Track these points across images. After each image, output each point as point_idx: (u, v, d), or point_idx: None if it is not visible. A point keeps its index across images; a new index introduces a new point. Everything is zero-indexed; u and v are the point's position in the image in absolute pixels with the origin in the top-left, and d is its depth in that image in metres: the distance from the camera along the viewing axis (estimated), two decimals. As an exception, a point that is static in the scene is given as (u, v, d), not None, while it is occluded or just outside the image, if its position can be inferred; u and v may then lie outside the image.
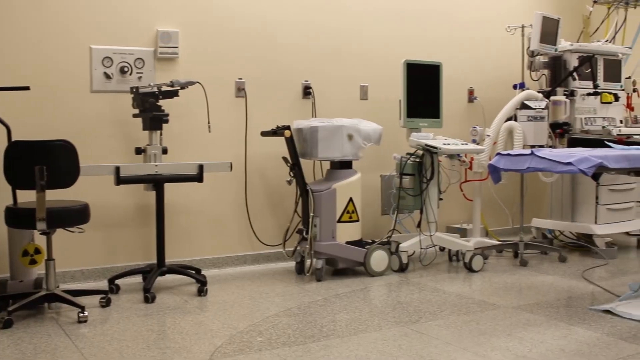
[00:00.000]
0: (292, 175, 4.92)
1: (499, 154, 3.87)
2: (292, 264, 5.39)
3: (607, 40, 6.40)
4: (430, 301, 4.28)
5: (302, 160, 4.97)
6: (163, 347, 3.39)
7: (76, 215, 3.90)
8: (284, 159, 4.95)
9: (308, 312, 4.03)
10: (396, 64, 5.58)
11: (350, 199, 4.94)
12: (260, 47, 5.38)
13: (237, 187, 5.32)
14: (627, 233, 6.37)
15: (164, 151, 4.57)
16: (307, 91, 5.56)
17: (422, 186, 5.21)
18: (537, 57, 6.00)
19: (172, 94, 4.62)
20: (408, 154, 5.26)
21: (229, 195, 5.29)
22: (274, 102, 5.45)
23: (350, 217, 4.95)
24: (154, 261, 4.67)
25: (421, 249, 5.21)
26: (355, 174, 5.02)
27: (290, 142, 4.84)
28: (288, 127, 4.83)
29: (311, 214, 4.85)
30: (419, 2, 6.16)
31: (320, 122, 4.92)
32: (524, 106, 5.57)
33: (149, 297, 4.26)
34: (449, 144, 5.14)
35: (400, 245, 5.16)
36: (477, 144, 5.68)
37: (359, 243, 5.00)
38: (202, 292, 4.44)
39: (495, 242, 5.80)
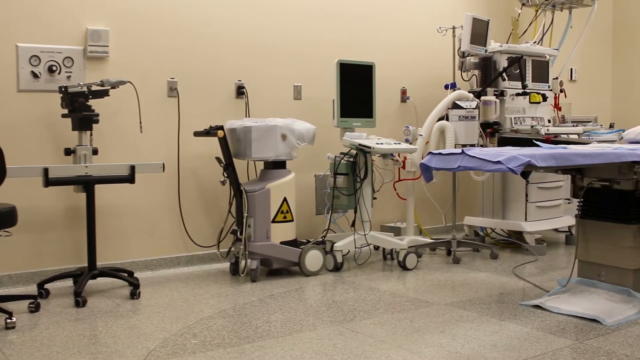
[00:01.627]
0: (226, 175, 4.90)
1: (430, 153, 3.92)
2: (226, 265, 5.36)
3: (535, 42, 6.56)
4: (364, 300, 4.32)
5: (235, 160, 4.95)
6: (95, 352, 3.33)
7: (3, 218, 3.80)
8: (218, 159, 4.92)
9: (243, 313, 4.01)
10: (330, 64, 5.61)
11: (285, 199, 4.94)
12: (193, 46, 5.34)
13: (170, 188, 5.26)
14: (556, 229, 6.55)
15: (95, 152, 4.49)
16: (240, 91, 5.54)
17: (356, 185, 5.24)
18: (468, 58, 6.11)
19: (103, 94, 4.54)
20: (342, 153, 5.29)
21: (161, 197, 5.23)
22: (207, 101, 5.41)
23: (285, 217, 4.95)
24: (85, 264, 4.58)
25: (355, 248, 5.24)
26: (289, 173, 5.02)
27: (223, 142, 4.81)
28: (221, 127, 4.80)
29: (245, 215, 4.83)
30: (353, 3, 6.20)
31: (254, 122, 4.91)
32: (455, 106, 5.66)
33: (79, 301, 4.17)
34: (382, 144, 5.19)
35: (335, 244, 5.19)
36: (410, 143, 5.74)
37: (293, 243, 5.00)
38: (134, 295, 4.37)
39: (428, 240, 5.88)
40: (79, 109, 4.40)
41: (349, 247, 5.23)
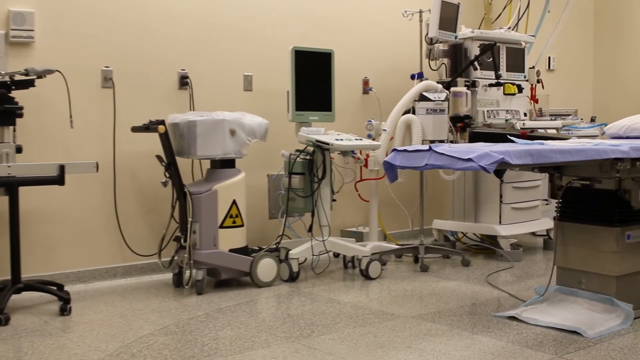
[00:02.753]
0: (168, 175, 4.87)
1: (395, 150, 3.94)
2: (169, 275, 5.32)
3: (509, 28, 6.64)
4: (323, 313, 4.32)
5: (178, 158, 4.93)
6: (18, 376, 3.28)
7: None
8: (158, 157, 4.89)
9: (187, 329, 3.99)
10: (284, 51, 5.60)
11: (234, 202, 4.93)
12: (131, 30, 5.29)
13: (105, 190, 5.21)
14: (533, 233, 6.64)
15: (18, 150, 4.42)
16: (183, 81, 5.51)
17: (313, 186, 5.25)
18: (436, 45, 6.16)
19: (27, 84, 4.47)
20: (297, 150, 5.29)
21: (95, 200, 5.18)
22: (146, 93, 5.37)
23: (234, 222, 4.94)
24: (8, 277, 4.50)
25: (313, 255, 5.25)
26: (239, 173, 5.01)
27: (165, 138, 4.79)
28: (162, 122, 4.77)
29: (190, 219, 4.81)
30: (308, -17, 6.22)
31: (199, 115, 4.89)
32: (422, 98, 5.70)
33: (1, 318, 4.11)
34: (342, 140, 5.20)
35: (290, 252, 5.19)
36: (373, 139, 5.76)
37: (244, 250, 5.00)
38: (65, 310, 4.32)
39: (393, 246, 5.91)
40: (0, 101, 4.33)
41: (305, 255, 5.23)
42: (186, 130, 4.89)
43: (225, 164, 5.02)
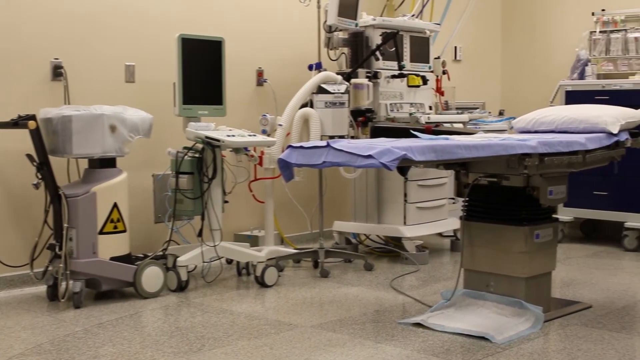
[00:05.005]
0: (40, 177, 4.78)
1: (290, 146, 3.96)
2: (42, 288, 5.20)
3: (413, 15, 6.75)
4: (215, 325, 4.32)
5: (52, 158, 4.85)
6: None
7: None
8: (29, 156, 4.79)
9: (64, 347, 3.93)
10: (170, 39, 5.55)
11: (115, 205, 4.88)
12: (-5, 15, 5.17)
13: (-32, 193, 5.09)
14: (440, 234, 6.78)
15: None
16: (57, 72, 5.40)
17: (203, 187, 5.23)
18: (336, 33, 6.21)
19: None
20: (185, 148, 5.26)
21: (-43, 205, 5.04)
22: (14, 85, 5.25)
23: (115, 227, 4.89)
24: None
25: (204, 262, 5.24)
26: (121, 173, 4.96)
27: (36, 135, 4.70)
28: (33, 117, 4.70)
29: (65, 225, 4.73)
30: (196, -36, 6.19)
31: (75, 110, 4.82)
32: (321, 90, 5.75)
33: None
34: (234, 136, 5.20)
35: (178, 259, 5.17)
36: (268, 135, 5.78)
37: (127, 258, 4.95)
38: None
39: (291, 250, 5.94)
40: None
41: (195, 262, 5.22)
42: (60, 126, 4.80)
43: (104, 164, 4.95)
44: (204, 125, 5.27)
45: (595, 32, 7.45)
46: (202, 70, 5.46)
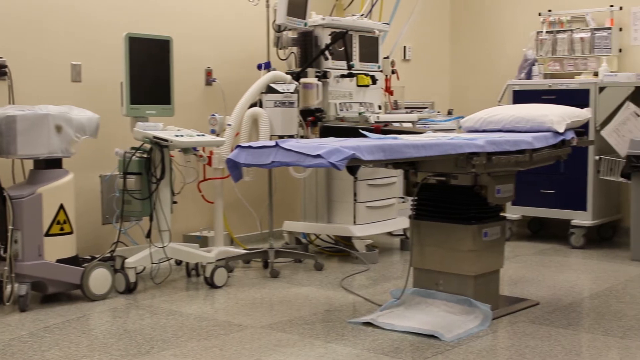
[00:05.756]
0: (-16, 178, 4.72)
1: (239, 146, 3.96)
2: (-13, 291, 5.14)
3: (362, 15, 6.77)
4: (164, 327, 4.29)
5: (-4, 158, 4.78)
6: None
7: None
8: (-27, 157, 4.72)
9: (9, 352, 3.88)
10: (117, 38, 5.51)
11: (61, 206, 4.83)
12: (-63, 13, 5.08)
13: None
14: (390, 233, 6.82)
15: None
16: (1, 70, 5.33)
17: (151, 187, 5.20)
18: (285, 33, 6.22)
19: None
20: (133, 148, 5.22)
21: None
22: (-42, 85, 5.17)
23: (62, 229, 4.84)
24: None
25: (152, 263, 5.22)
26: (67, 174, 4.91)
27: (-21, 136, 4.63)
28: (-24, 117, 4.62)
29: (10, 227, 4.67)
30: (143, -38, 6.14)
31: (20, 110, 4.77)
32: (270, 90, 5.74)
33: None
34: (182, 136, 5.18)
35: (126, 260, 5.13)
36: (217, 135, 5.77)
37: (74, 260, 4.90)
38: None
39: (241, 251, 5.93)
40: None
41: (144, 263, 5.19)
42: (4, 126, 4.74)
43: (50, 164, 4.89)
44: (152, 125, 5.24)
45: (542, 32, 7.53)
46: (149, 69, 5.43)
